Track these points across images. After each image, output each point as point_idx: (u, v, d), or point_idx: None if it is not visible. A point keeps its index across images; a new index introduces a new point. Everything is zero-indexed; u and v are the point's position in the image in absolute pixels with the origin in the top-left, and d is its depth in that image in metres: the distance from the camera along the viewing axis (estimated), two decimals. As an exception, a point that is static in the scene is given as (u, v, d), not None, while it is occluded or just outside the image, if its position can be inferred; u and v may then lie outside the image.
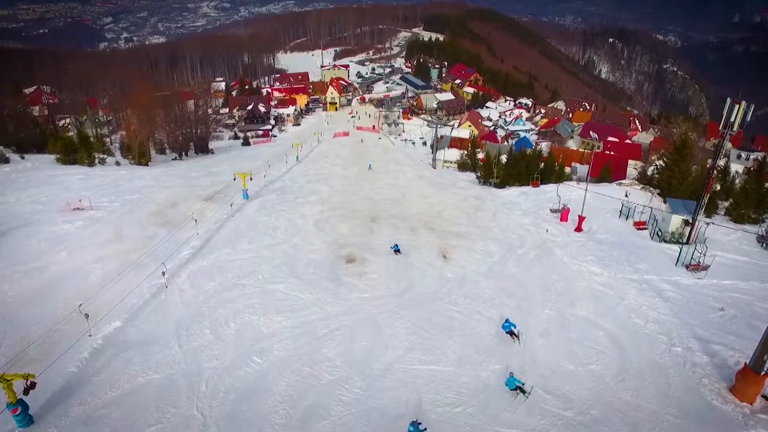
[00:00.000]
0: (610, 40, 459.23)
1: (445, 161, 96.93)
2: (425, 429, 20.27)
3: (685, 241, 40.09)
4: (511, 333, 26.75)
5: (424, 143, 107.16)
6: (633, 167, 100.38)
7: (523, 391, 22.58)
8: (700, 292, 31.98)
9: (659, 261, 36.76)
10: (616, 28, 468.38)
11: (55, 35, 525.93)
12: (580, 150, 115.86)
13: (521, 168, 74.60)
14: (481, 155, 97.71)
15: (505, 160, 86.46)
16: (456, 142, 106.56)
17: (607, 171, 75.26)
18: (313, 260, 37.60)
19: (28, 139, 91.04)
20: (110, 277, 32.33)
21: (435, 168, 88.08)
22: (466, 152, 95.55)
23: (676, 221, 40.60)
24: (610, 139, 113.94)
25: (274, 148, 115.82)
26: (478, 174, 78.90)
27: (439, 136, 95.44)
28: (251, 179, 53.68)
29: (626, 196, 50.30)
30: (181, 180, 68.51)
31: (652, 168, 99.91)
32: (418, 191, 62.22)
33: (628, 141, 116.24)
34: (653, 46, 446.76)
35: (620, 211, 46.21)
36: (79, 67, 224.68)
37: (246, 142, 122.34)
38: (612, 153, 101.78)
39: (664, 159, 52.66)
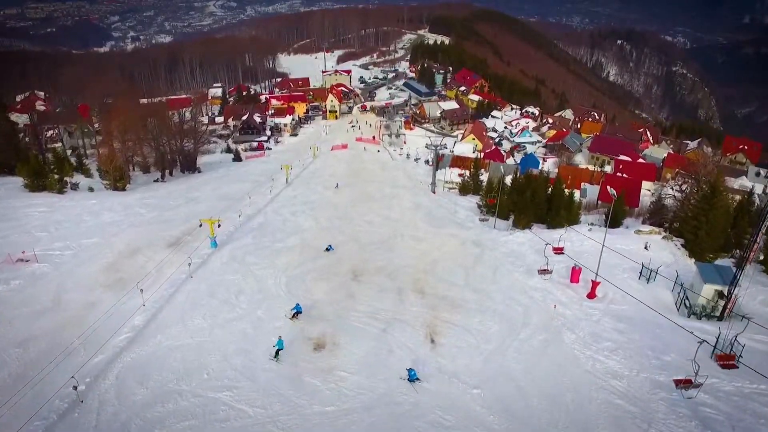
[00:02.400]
0: (618, 41, 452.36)
1: (446, 182, 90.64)
2: None
3: (718, 316, 33.94)
4: None
5: (428, 162, 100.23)
6: (647, 189, 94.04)
7: None
8: (748, 408, 25.70)
9: (690, 349, 30.42)
10: (624, 30, 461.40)
11: (62, 34, 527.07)
12: (590, 168, 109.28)
13: (527, 199, 68.17)
14: (484, 176, 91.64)
15: (510, 182, 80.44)
16: (458, 161, 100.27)
17: (620, 205, 68.54)
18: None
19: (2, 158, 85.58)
20: (22, 379, 26.50)
21: (434, 192, 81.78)
22: (468, 173, 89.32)
23: (707, 292, 34.30)
24: (621, 158, 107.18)
25: (266, 164, 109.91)
26: (480, 203, 72.58)
27: (440, 153, 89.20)
28: (219, 225, 47.57)
29: (646, 248, 44.05)
30: (154, 213, 62.72)
31: (667, 190, 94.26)
32: (412, 230, 55.95)
33: (641, 159, 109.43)
34: (661, 48, 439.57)
35: (640, 272, 39.88)
36: (74, 72, 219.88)
37: (237, 158, 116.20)
38: (624, 175, 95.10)
39: (690, 206, 46.02)
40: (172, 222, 57.46)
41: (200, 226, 47.57)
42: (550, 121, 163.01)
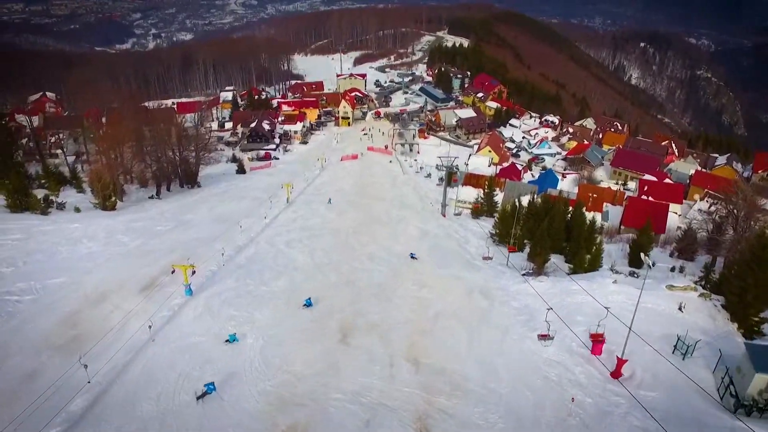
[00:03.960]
0: (641, 44, 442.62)
1: (459, 202, 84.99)
2: None
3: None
4: None
5: (441, 179, 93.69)
6: (674, 212, 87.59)
7: None
8: None
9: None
10: (647, 32, 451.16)
11: (85, 31, 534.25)
12: (612, 187, 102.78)
13: (544, 229, 62.31)
14: (498, 197, 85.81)
15: (527, 205, 74.66)
16: (472, 179, 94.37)
17: (646, 237, 62.35)
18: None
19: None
20: None
21: (444, 215, 76.12)
22: (482, 193, 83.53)
23: (760, 382, 28.36)
24: (646, 177, 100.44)
25: (271, 177, 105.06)
26: (493, 231, 66.80)
27: (454, 169, 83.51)
28: (194, 272, 42.38)
29: (680, 310, 38.12)
30: (138, 240, 57.90)
31: (695, 213, 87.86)
32: (414, 273, 50.22)
33: (667, 179, 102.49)
34: (685, 51, 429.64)
35: (675, 346, 33.92)
36: (84, 73, 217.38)
37: (241, 170, 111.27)
38: (649, 198, 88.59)
39: (735, 267, 39.68)
40: (154, 254, 52.59)
41: (173, 272, 42.39)
42: (571, 130, 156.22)
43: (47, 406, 27.63)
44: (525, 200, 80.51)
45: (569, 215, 70.33)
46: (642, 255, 31.56)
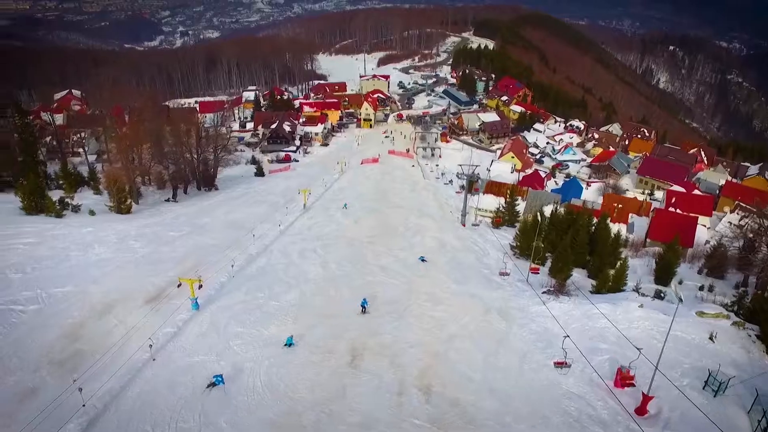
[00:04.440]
0: (671, 47, 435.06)
1: (479, 210, 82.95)
2: None
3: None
4: None
5: (461, 187, 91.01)
6: (702, 224, 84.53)
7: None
8: None
9: None
10: (677, 35, 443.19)
11: (114, 28, 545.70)
12: (638, 198, 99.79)
13: (566, 243, 60.07)
14: (520, 206, 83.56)
15: (549, 215, 72.44)
16: (493, 187, 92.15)
17: (672, 254, 59.79)
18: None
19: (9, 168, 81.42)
20: None
21: (464, 225, 74.04)
22: (504, 202, 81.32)
23: (799, 428, 26.14)
24: (674, 188, 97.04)
25: (289, 180, 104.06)
26: (514, 244, 64.67)
27: (475, 177, 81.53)
28: (200, 286, 40.97)
29: (711, 340, 35.74)
30: (149, 247, 56.95)
31: (724, 226, 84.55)
32: (431, 285, 48.39)
33: (696, 190, 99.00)
34: (716, 55, 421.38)
35: (705, 381, 31.63)
36: (109, 71, 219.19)
37: (260, 172, 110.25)
38: (677, 210, 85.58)
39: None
40: (164, 263, 51.58)
41: (179, 286, 41.07)
42: (596, 136, 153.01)
43: (41, 429, 26.43)
44: (547, 210, 78.28)
45: (593, 227, 68.11)
46: (673, 285, 29.41)
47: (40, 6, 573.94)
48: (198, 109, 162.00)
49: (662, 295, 52.75)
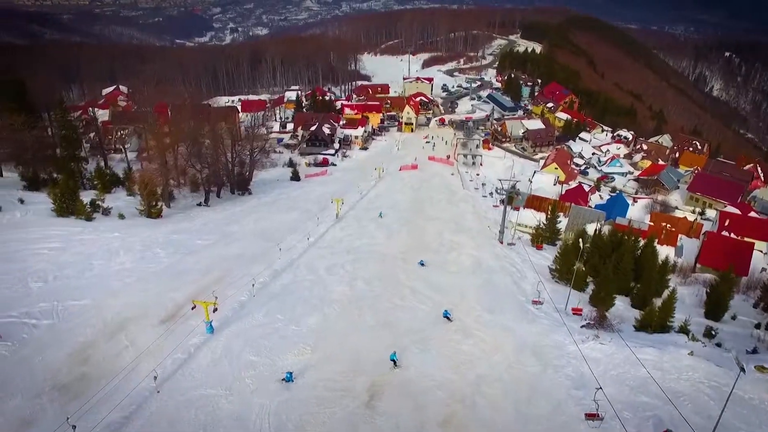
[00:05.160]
0: (726, 54, 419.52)
1: (518, 225, 79.75)
2: None
3: None
4: None
5: (502, 201, 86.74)
6: (759, 249, 79.35)
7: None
8: None
9: None
10: (733, 41, 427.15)
11: (167, 24, 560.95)
12: (688, 217, 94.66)
13: (609, 268, 56.56)
14: (562, 222, 79.96)
15: (591, 234, 68.99)
16: (534, 202, 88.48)
17: (727, 282, 55.72)
18: None
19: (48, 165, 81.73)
20: None
21: (502, 242, 70.81)
22: (545, 218, 77.86)
23: None
24: (727, 209, 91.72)
25: (325, 186, 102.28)
26: (553, 266, 61.32)
27: (515, 191, 78.46)
28: (215, 310, 39.01)
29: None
30: (173, 257, 55.74)
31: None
32: (461, 314, 45.11)
33: (753, 212, 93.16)
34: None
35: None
36: (157, 68, 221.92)
37: (295, 176, 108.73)
38: (731, 234, 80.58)
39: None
40: (187, 275, 50.15)
41: (193, 308, 39.21)
42: (645, 147, 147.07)
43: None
44: (590, 228, 74.63)
45: (639, 250, 64.28)
46: (733, 356, 25.97)
47: (98, 2, 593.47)
48: (240, 108, 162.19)
49: (713, 333, 48.95)
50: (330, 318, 43.28)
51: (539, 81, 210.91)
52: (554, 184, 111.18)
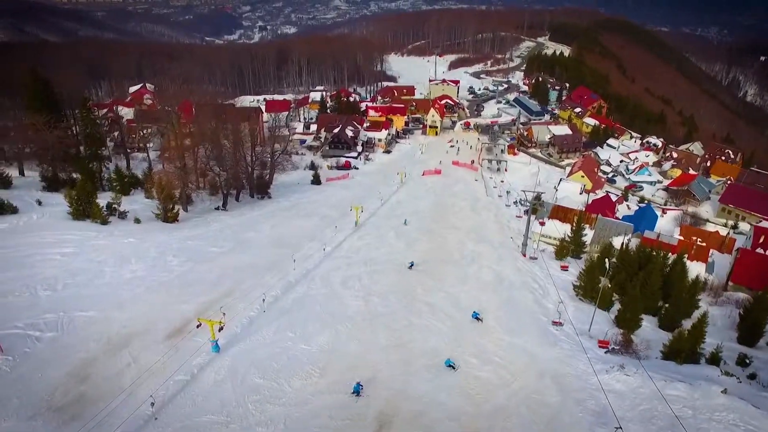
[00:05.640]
0: (761, 57, 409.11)
1: (543, 236, 77.45)
2: None
3: None
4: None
5: (526, 211, 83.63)
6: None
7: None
8: None
9: None
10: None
11: (198, 22, 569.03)
12: (720, 232, 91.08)
13: (637, 287, 54.06)
14: (588, 235, 77.40)
15: (618, 249, 66.44)
16: (559, 212, 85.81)
17: (763, 304, 52.86)
18: None
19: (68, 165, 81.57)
20: None
21: (525, 255, 68.59)
22: (570, 230, 75.42)
23: None
24: (763, 224, 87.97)
25: (346, 190, 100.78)
26: (578, 282, 59.00)
27: (539, 203, 76.08)
28: (221, 329, 37.58)
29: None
30: (185, 265, 54.59)
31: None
32: (479, 336, 43.27)
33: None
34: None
35: None
36: (184, 66, 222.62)
37: (316, 180, 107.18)
38: (766, 251, 77.13)
39: None
40: (198, 285, 48.96)
41: (198, 326, 37.86)
42: (675, 155, 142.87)
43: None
44: (617, 241, 71.99)
45: (668, 267, 61.65)
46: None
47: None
48: (264, 108, 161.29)
49: (747, 361, 46.28)
50: (342, 337, 41.65)
51: (567, 85, 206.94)
52: (580, 193, 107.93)
